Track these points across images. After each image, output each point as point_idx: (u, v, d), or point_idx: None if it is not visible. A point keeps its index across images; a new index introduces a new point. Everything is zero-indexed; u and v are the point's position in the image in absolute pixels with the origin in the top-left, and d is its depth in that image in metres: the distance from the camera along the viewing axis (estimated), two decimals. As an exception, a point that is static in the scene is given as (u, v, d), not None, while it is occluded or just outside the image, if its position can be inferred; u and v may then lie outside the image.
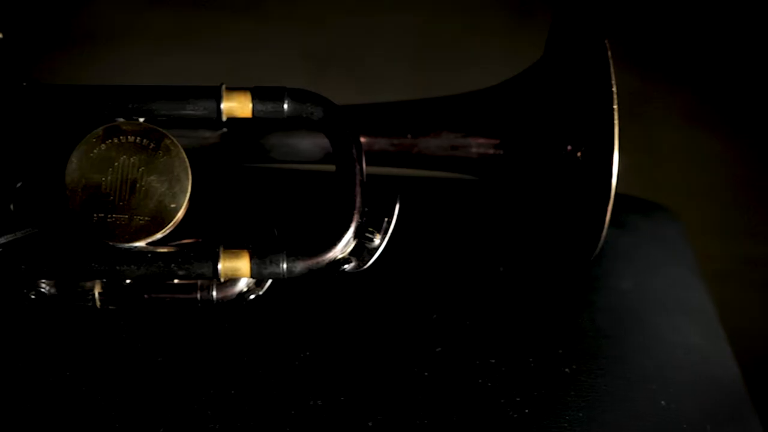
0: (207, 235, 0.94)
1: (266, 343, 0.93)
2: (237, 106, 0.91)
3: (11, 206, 0.93)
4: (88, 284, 0.92)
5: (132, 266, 0.87)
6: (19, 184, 0.94)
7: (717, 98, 1.98)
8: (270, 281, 0.93)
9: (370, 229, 0.89)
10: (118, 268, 0.87)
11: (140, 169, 0.89)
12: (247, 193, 1.06)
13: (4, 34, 0.95)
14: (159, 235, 0.88)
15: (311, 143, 1.01)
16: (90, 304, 0.92)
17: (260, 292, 0.93)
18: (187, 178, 0.89)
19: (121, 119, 0.92)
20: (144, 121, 0.91)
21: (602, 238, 0.95)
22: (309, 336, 0.94)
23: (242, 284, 0.93)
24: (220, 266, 0.87)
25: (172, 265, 0.87)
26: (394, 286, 0.99)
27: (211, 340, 0.94)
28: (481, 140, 1.00)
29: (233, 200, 1.05)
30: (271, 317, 0.95)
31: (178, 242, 0.92)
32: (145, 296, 0.92)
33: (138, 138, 0.89)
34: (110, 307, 0.92)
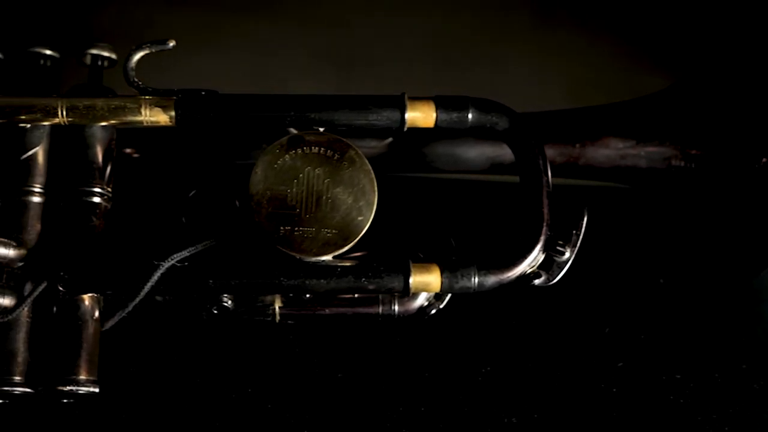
0: (376, 246, 0.92)
1: (445, 358, 0.91)
2: (420, 116, 0.89)
3: (183, 219, 0.91)
4: (268, 298, 0.90)
5: (321, 280, 0.85)
6: (192, 193, 0.92)
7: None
8: (449, 295, 0.91)
9: (560, 242, 0.87)
10: (307, 282, 0.85)
11: (326, 181, 0.87)
12: (409, 203, 1.04)
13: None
14: (345, 249, 0.86)
15: (478, 153, 0.99)
16: (269, 319, 0.90)
17: (440, 306, 0.91)
18: (373, 191, 0.87)
19: (293, 129, 0.91)
20: (324, 131, 0.89)
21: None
22: (487, 351, 0.92)
23: (422, 298, 0.91)
24: (411, 280, 0.85)
25: (363, 279, 0.85)
26: (560, 299, 0.97)
27: (389, 356, 0.92)
28: (653, 149, 0.98)
29: (400, 211, 1.03)
30: (447, 331, 0.93)
31: (354, 255, 0.90)
32: (327, 311, 0.90)
33: (322, 149, 0.87)
34: (289, 322, 0.90)
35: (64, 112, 0.88)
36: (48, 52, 0.93)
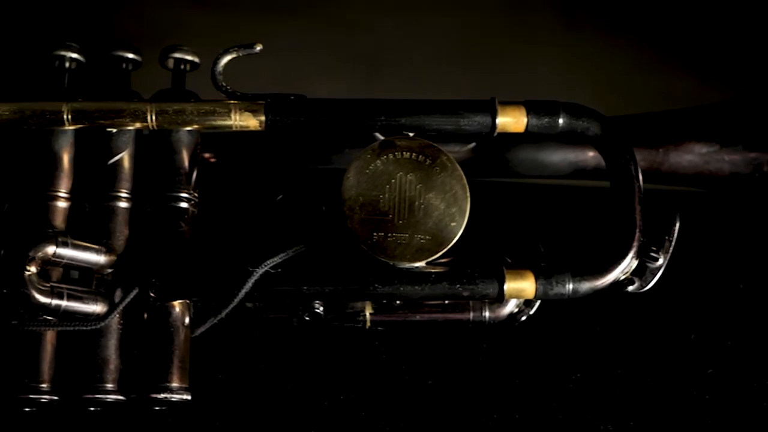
0: (462, 252, 0.92)
1: (534, 365, 0.90)
2: (511, 121, 0.88)
3: (270, 224, 0.91)
4: (359, 304, 0.89)
5: (416, 287, 0.84)
6: (279, 197, 0.91)
7: None
8: (539, 302, 0.91)
9: (654, 249, 0.87)
10: (401, 289, 0.84)
11: (418, 187, 0.86)
12: (492, 207, 1.03)
13: None
14: (438, 255, 0.86)
15: (561, 158, 0.98)
16: (360, 325, 0.89)
17: (530, 312, 0.90)
18: (465, 197, 0.86)
19: (379, 135, 0.90)
20: (413, 136, 0.88)
21: None
22: (575, 357, 0.91)
23: (512, 304, 0.90)
24: (506, 286, 0.85)
25: (457, 285, 0.84)
26: (645, 304, 0.96)
27: (477, 362, 0.91)
28: (737, 154, 0.97)
29: (483, 215, 1.02)
30: (534, 337, 0.93)
31: (442, 261, 0.90)
32: (417, 317, 0.89)
33: (414, 154, 0.86)
34: (378, 328, 0.90)
35: (153, 117, 0.87)
36: (131, 55, 0.92)
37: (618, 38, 1.64)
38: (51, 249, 0.80)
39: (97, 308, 0.83)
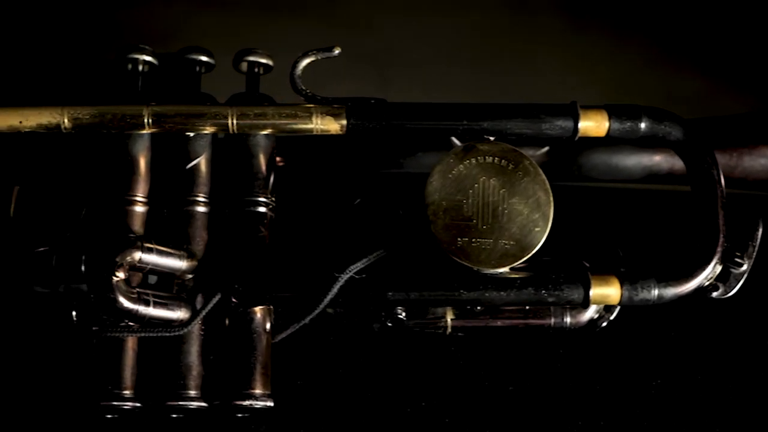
0: (541, 256, 0.91)
1: (613, 371, 0.90)
2: (593, 125, 0.88)
3: (349, 227, 0.90)
4: (440, 310, 0.89)
5: (501, 293, 0.84)
6: (357, 201, 0.91)
7: None
8: (619, 307, 0.90)
9: (738, 254, 0.86)
10: (487, 294, 0.84)
11: (501, 191, 0.85)
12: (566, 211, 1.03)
13: None
14: (522, 261, 0.85)
15: (635, 162, 0.97)
16: (440, 331, 0.89)
17: (611, 318, 0.90)
18: (549, 202, 0.85)
19: (455, 139, 0.89)
20: (494, 140, 0.87)
21: None
22: (655, 363, 0.90)
23: (593, 310, 0.90)
24: (591, 292, 0.84)
25: (543, 291, 0.84)
26: (723, 309, 0.95)
27: (557, 368, 0.90)
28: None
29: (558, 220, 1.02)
30: (612, 343, 0.92)
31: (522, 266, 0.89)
32: (499, 322, 0.89)
33: (496, 158, 0.86)
34: (459, 334, 0.89)
35: (234, 121, 0.86)
36: (204, 58, 0.91)
37: (624, 39, 1.64)
38: (138, 255, 0.80)
39: (180, 314, 0.82)
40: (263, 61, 0.92)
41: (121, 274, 0.78)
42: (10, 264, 0.84)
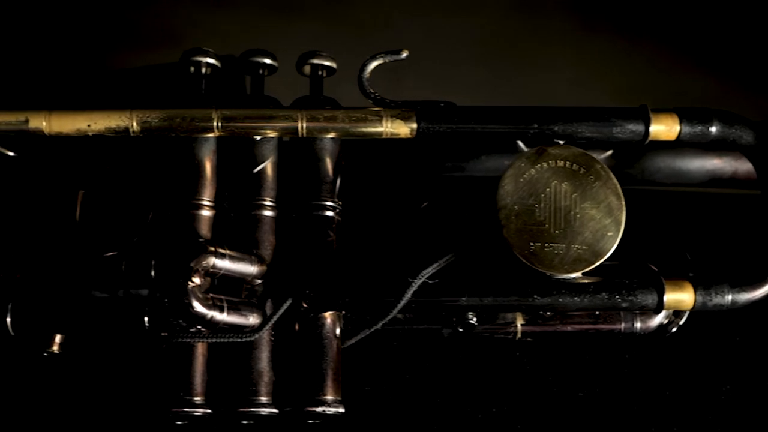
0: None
1: (681, 376, 0.89)
2: (664, 129, 0.87)
3: (415, 232, 0.89)
4: (510, 315, 0.88)
5: (575, 298, 0.83)
6: (424, 204, 0.90)
7: None
8: (688, 312, 0.89)
9: (811, 259, 0.85)
10: (561, 300, 0.83)
11: (573, 196, 0.84)
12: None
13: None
14: (594, 266, 0.84)
15: (698, 165, 0.96)
16: (510, 336, 0.88)
17: (680, 323, 0.89)
18: (621, 207, 0.84)
19: (521, 143, 0.89)
20: (564, 144, 0.87)
21: None
22: (723, 369, 0.90)
23: (662, 315, 0.89)
24: (665, 297, 0.83)
25: (616, 296, 0.83)
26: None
27: (622, 373, 0.89)
28: None
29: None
30: (679, 348, 0.91)
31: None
32: (569, 327, 0.88)
33: (567, 162, 0.85)
34: (528, 339, 0.88)
35: (304, 124, 0.85)
36: (267, 60, 0.91)
37: (635, 39, 1.63)
38: (212, 260, 0.79)
39: (252, 320, 0.82)
40: (327, 63, 0.91)
41: (197, 280, 0.77)
42: (77, 268, 0.83)
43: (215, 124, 0.85)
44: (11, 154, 0.89)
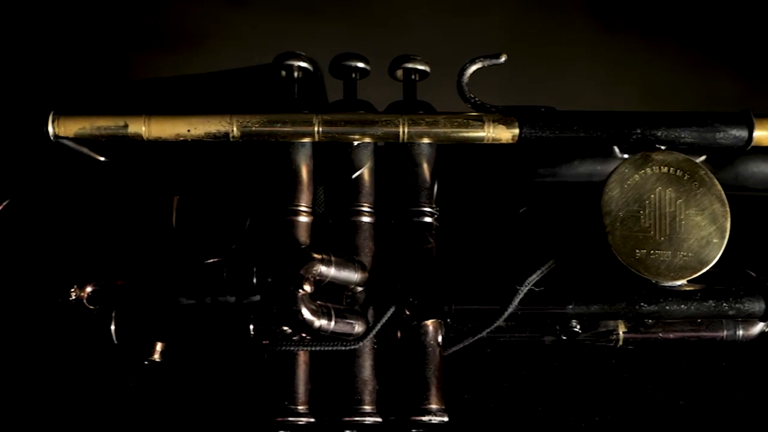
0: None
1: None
2: (767, 135, 0.86)
3: (511, 238, 0.88)
4: (612, 323, 0.87)
5: (682, 306, 0.82)
6: (522, 209, 0.89)
7: None
8: (789, 320, 0.88)
9: None
10: (667, 308, 0.82)
11: (678, 202, 0.83)
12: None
13: None
14: (700, 273, 0.83)
15: (790, 170, 0.95)
16: (611, 344, 0.87)
17: (781, 331, 0.88)
18: (725, 213, 0.83)
19: (617, 148, 0.88)
20: (665, 149, 0.86)
21: None
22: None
23: (763, 324, 0.88)
24: (772, 306, 0.82)
25: (723, 304, 0.82)
26: None
27: (721, 381, 0.88)
28: None
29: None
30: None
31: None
32: (671, 335, 0.87)
33: (671, 168, 0.84)
34: (629, 347, 0.87)
35: (405, 129, 0.84)
36: (360, 64, 0.89)
37: (659, 41, 1.63)
38: (320, 268, 0.78)
39: (357, 328, 0.81)
40: (420, 67, 0.90)
41: (307, 288, 0.76)
42: (178, 275, 0.82)
43: (316, 129, 0.84)
44: (102, 159, 0.88)
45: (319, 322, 0.77)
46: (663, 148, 0.86)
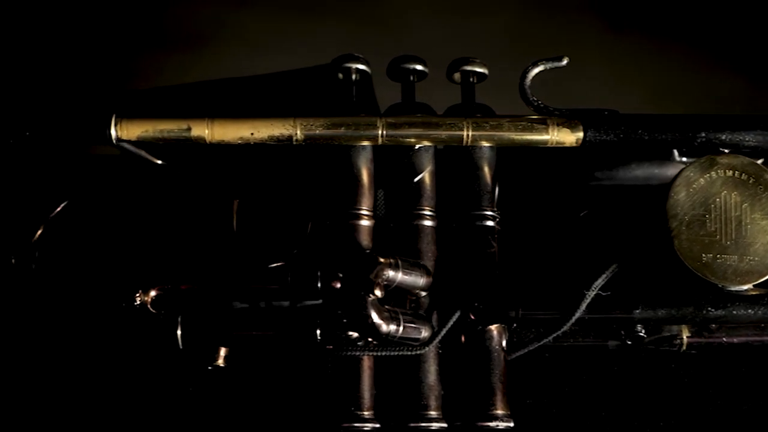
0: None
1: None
2: (836, 138, 0.86)
3: (573, 243, 0.88)
4: (675, 327, 0.86)
5: (749, 310, 0.81)
6: (583, 213, 0.89)
7: None
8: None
9: None
10: (734, 312, 0.81)
11: (743, 206, 0.83)
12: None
13: None
14: (766, 278, 0.83)
15: None
16: (675, 349, 0.86)
17: (844, 335, 0.88)
18: (791, 217, 0.83)
19: (676, 153, 0.87)
20: (730, 152, 0.85)
21: None
22: None
23: (811, 327, 0.87)
24: (838, 310, 0.82)
25: (796, 308, 0.82)
26: None
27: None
28: None
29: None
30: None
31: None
32: (735, 340, 0.86)
33: (736, 172, 0.83)
34: (692, 352, 0.87)
35: (470, 132, 0.83)
36: (419, 67, 0.89)
37: (664, 41, 1.62)
38: (390, 273, 0.77)
39: (424, 333, 0.80)
40: (478, 70, 0.89)
41: (378, 293, 0.75)
42: (242, 279, 0.81)
43: (380, 132, 0.83)
44: (159, 162, 0.87)
45: (388, 328, 0.76)
46: (726, 151, 0.85)
